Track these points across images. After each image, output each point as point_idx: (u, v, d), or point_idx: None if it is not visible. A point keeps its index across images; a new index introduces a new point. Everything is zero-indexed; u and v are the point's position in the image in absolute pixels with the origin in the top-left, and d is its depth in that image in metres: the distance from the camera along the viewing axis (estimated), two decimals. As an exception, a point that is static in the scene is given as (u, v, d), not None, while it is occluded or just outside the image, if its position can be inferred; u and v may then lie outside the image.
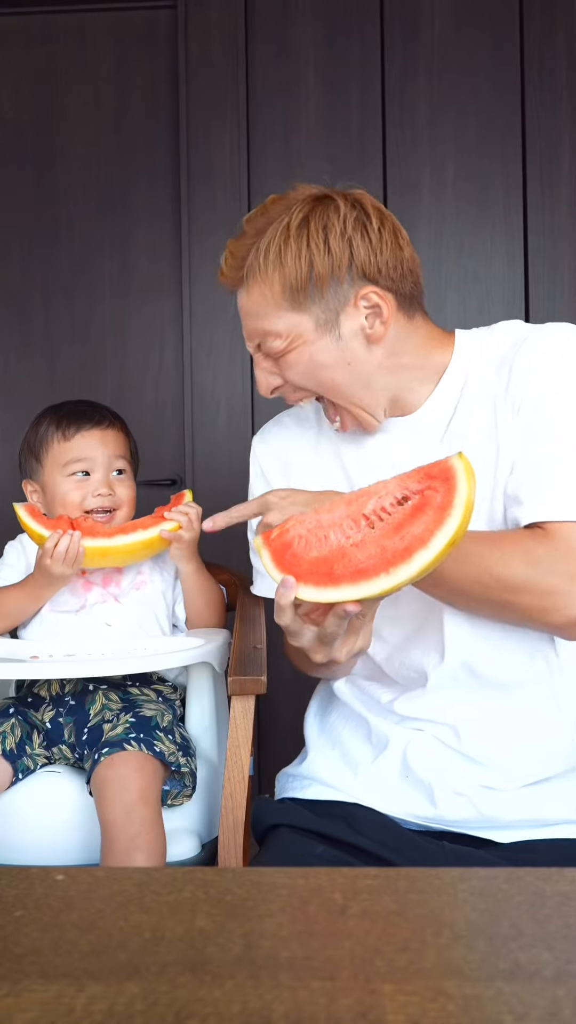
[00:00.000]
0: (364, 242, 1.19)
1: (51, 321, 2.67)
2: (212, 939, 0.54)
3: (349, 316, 1.20)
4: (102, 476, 1.51)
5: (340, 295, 1.19)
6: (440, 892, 0.61)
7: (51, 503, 1.52)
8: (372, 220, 1.20)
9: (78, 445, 1.51)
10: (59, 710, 1.46)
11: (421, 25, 2.53)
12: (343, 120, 2.54)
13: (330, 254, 1.18)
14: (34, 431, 1.55)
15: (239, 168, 2.55)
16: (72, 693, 1.47)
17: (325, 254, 1.18)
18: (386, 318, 1.21)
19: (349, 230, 1.19)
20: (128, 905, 0.59)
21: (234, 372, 2.57)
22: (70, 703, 1.46)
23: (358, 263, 1.19)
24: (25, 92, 2.67)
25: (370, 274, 1.20)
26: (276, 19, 2.55)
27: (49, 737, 1.45)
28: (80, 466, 1.50)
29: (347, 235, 1.18)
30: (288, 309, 1.20)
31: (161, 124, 2.65)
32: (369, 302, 1.20)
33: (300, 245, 1.18)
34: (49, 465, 1.52)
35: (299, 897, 0.60)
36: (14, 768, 1.39)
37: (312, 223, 1.19)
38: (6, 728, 1.41)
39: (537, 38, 2.50)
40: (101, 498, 1.50)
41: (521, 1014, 0.46)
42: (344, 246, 1.18)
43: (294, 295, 1.19)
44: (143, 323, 2.65)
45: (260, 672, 1.33)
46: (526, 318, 2.49)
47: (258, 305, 1.22)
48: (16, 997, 0.48)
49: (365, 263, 1.19)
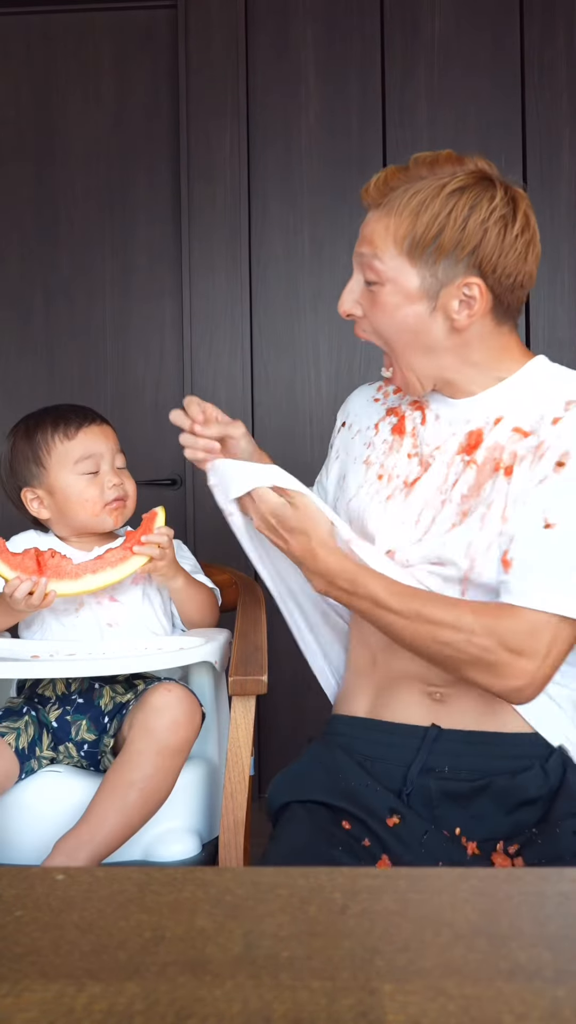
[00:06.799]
0: (497, 239, 1.23)
1: (51, 321, 2.67)
2: (212, 939, 0.54)
3: (449, 294, 1.24)
4: (110, 468, 1.51)
5: (450, 272, 1.24)
6: (440, 892, 0.61)
7: (64, 504, 1.50)
8: (516, 223, 1.24)
9: (83, 442, 1.50)
10: (66, 708, 1.46)
11: (421, 25, 2.53)
12: (343, 120, 2.54)
13: (463, 231, 1.22)
14: (25, 439, 1.52)
15: (239, 168, 2.55)
16: (79, 691, 1.47)
17: (459, 229, 1.22)
18: (475, 312, 1.25)
19: (491, 221, 1.22)
20: (128, 905, 0.59)
21: (234, 372, 2.57)
22: (78, 701, 1.46)
23: (481, 253, 1.23)
24: (25, 92, 2.67)
25: (485, 268, 1.23)
26: (276, 19, 2.55)
27: (56, 736, 1.45)
28: (89, 463, 1.50)
29: (486, 224, 1.22)
30: (402, 254, 1.24)
31: (161, 124, 2.65)
32: (470, 291, 1.24)
33: (443, 209, 1.22)
34: (55, 467, 1.50)
35: (299, 897, 0.60)
36: (21, 768, 1.39)
37: (465, 196, 1.22)
38: (20, 725, 1.42)
39: (537, 37, 2.50)
40: (116, 488, 1.50)
41: (521, 1014, 0.46)
42: (479, 232, 1.22)
43: (413, 247, 1.23)
44: (143, 323, 2.65)
45: (261, 672, 1.33)
46: (526, 318, 2.49)
47: (378, 235, 1.26)
48: (16, 997, 0.48)
49: (486, 257, 1.23)
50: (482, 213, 1.22)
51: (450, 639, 1.19)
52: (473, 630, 1.19)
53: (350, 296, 1.31)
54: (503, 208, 1.23)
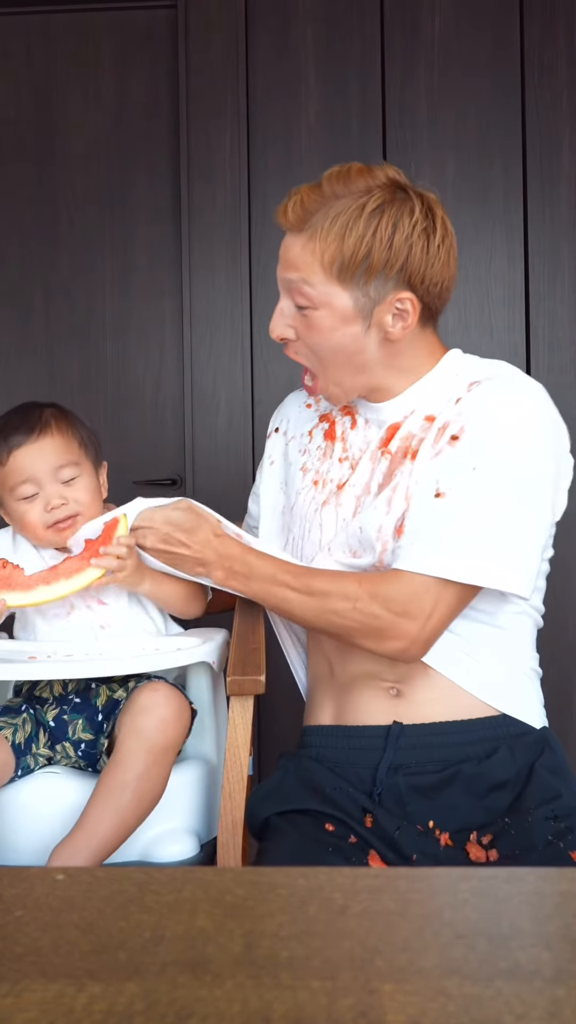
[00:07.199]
0: (423, 252, 1.25)
1: (51, 321, 2.66)
2: (212, 939, 0.54)
3: (382, 311, 1.27)
4: (51, 489, 1.42)
5: (382, 290, 1.26)
6: (440, 892, 0.61)
7: (15, 525, 1.48)
8: (436, 233, 1.27)
9: (15, 467, 1.42)
10: (63, 708, 1.46)
11: (421, 25, 2.53)
12: (343, 120, 2.54)
13: (390, 250, 1.24)
14: None
15: (239, 168, 2.55)
16: (76, 691, 1.47)
17: (386, 248, 1.24)
18: (408, 324, 1.28)
19: (414, 236, 1.25)
20: (128, 905, 0.59)
21: (234, 372, 2.57)
22: (75, 701, 1.46)
23: (409, 268, 1.25)
24: (25, 92, 2.67)
25: (414, 281, 1.26)
26: (276, 19, 2.55)
27: (53, 735, 1.45)
28: (27, 487, 1.42)
29: (411, 240, 1.24)
30: (331, 279, 1.26)
31: (161, 124, 2.65)
32: (403, 305, 1.27)
33: (367, 230, 1.24)
34: (1, 492, 1.45)
35: (299, 897, 0.60)
36: (17, 763, 1.39)
37: (386, 214, 1.24)
38: (18, 722, 1.42)
39: (537, 38, 2.50)
40: (56, 511, 1.42)
41: (521, 1014, 0.46)
42: (405, 248, 1.24)
43: (342, 270, 1.25)
44: (143, 323, 2.65)
45: (259, 672, 1.33)
46: (526, 318, 2.49)
47: (304, 261, 1.27)
48: (16, 997, 0.48)
49: (414, 271, 1.26)
50: (405, 229, 1.24)
51: (338, 607, 1.24)
52: (359, 596, 1.23)
53: (281, 320, 1.32)
54: (423, 220, 1.25)
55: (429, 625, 1.23)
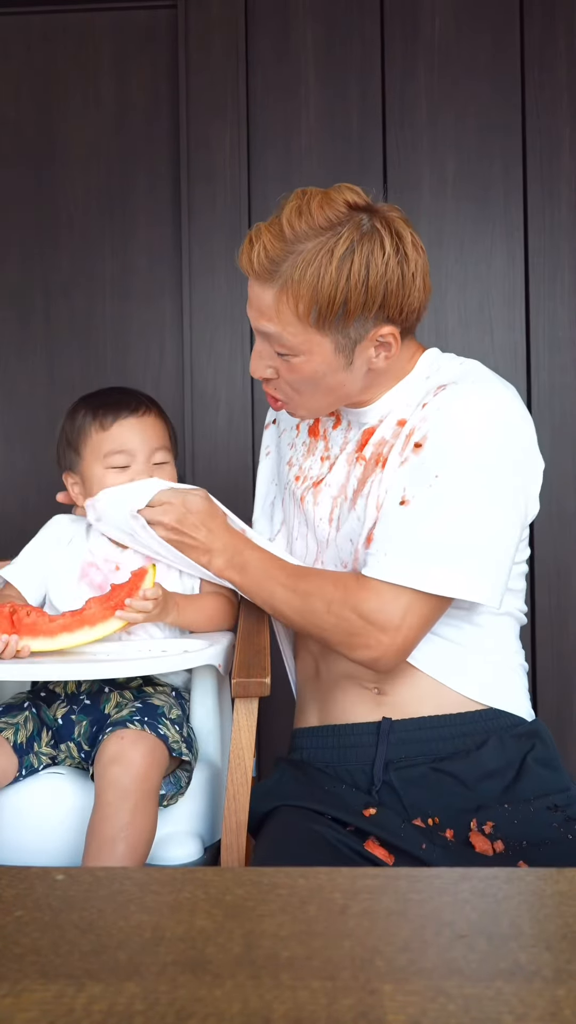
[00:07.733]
0: (399, 287, 1.23)
1: (51, 321, 2.66)
2: (212, 939, 0.54)
3: (364, 347, 1.26)
4: (141, 467, 1.46)
5: (362, 329, 1.24)
6: (440, 892, 0.61)
7: (90, 494, 1.49)
8: (410, 262, 1.24)
9: (116, 435, 1.47)
10: (72, 707, 1.46)
11: (421, 25, 2.53)
12: (343, 120, 2.54)
13: (366, 292, 1.21)
14: (71, 421, 1.52)
15: (239, 168, 2.55)
16: (88, 692, 1.46)
17: (362, 291, 1.21)
18: (392, 353, 1.28)
19: (388, 272, 1.22)
20: (128, 905, 0.59)
21: (234, 372, 2.57)
22: (85, 702, 1.46)
23: (387, 305, 1.23)
24: (25, 92, 2.67)
25: (392, 315, 1.25)
26: (276, 19, 2.55)
27: (58, 735, 1.44)
28: (120, 457, 1.46)
29: (386, 277, 1.22)
30: (309, 326, 1.23)
31: (161, 125, 2.65)
32: (384, 339, 1.26)
33: (340, 276, 1.20)
34: (89, 456, 1.48)
35: (299, 897, 0.60)
36: (19, 763, 1.39)
37: (356, 256, 1.20)
38: (19, 721, 1.41)
39: (537, 38, 2.50)
40: None
41: (521, 1014, 0.46)
42: (381, 288, 1.22)
43: (320, 319, 1.22)
44: (143, 323, 2.65)
45: (263, 674, 1.33)
46: (526, 318, 2.49)
47: (279, 312, 1.24)
48: (16, 997, 0.48)
49: (392, 306, 1.24)
50: (379, 267, 1.21)
51: (316, 608, 1.25)
52: (334, 599, 1.24)
53: (261, 362, 1.31)
54: (395, 254, 1.22)
55: (400, 636, 1.22)
